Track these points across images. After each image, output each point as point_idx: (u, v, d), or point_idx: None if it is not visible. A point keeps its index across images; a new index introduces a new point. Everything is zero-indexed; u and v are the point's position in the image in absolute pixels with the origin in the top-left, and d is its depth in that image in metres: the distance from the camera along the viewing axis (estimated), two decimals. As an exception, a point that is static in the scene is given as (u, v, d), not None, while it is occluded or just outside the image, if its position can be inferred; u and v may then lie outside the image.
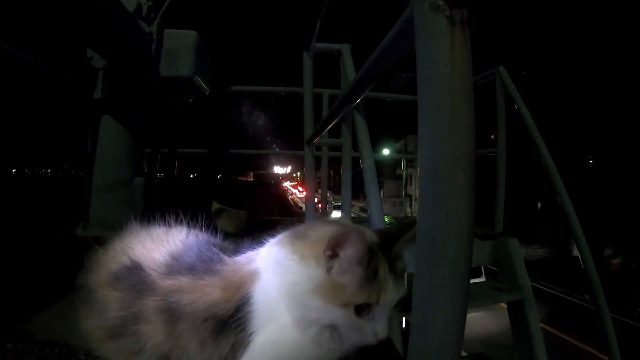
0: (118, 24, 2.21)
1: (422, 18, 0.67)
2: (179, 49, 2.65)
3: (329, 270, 0.89)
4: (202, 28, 2.83)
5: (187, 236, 1.11)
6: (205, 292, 0.95)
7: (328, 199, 4.07)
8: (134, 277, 1.00)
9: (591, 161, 26.26)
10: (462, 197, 0.63)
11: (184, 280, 0.97)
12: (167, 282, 0.97)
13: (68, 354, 1.04)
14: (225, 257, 1.05)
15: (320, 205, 4.11)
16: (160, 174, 3.42)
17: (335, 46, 2.60)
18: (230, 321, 0.93)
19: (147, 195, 2.67)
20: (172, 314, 0.94)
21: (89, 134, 3.25)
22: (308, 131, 2.83)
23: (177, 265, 1.00)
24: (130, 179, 2.63)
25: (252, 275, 0.98)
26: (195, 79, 2.69)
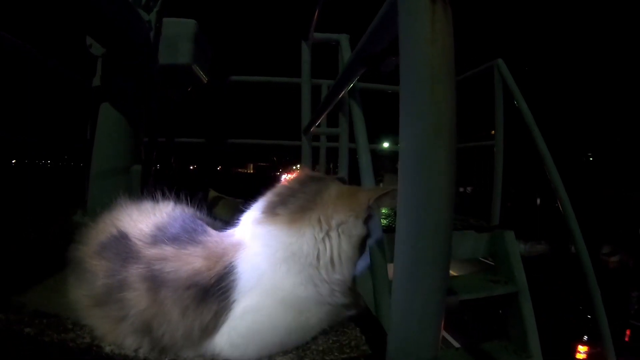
0: (117, 12, 2.21)
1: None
2: (177, 38, 2.66)
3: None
4: (200, 17, 2.83)
5: (173, 209, 1.14)
6: (188, 261, 0.98)
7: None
8: (120, 246, 1.04)
9: (591, 158, 26.28)
10: (443, 170, 0.65)
11: (167, 250, 1.00)
12: (151, 251, 1.00)
13: (57, 323, 1.07)
14: (210, 230, 1.08)
15: None
16: (158, 164, 3.42)
17: (334, 36, 2.61)
18: (213, 290, 0.96)
19: (144, 183, 2.68)
20: (155, 282, 0.97)
21: (88, 122, 3.25)
22: (305, 121, 2.84)
23: (161, 235, 1.03)
24: (128, 167, 2.64)
25: (236, 246, 1.00)
26: (194, 67, 2.70)
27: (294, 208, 1.05)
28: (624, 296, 15.42)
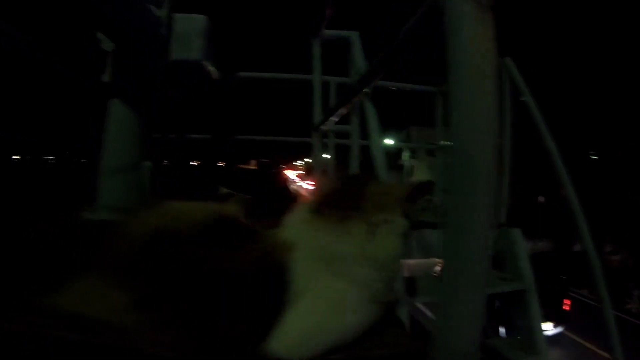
0: (129, 6, 2.21)
1: (453, 4, 0.71)
2: (188, 33, 2.66)
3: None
4: (210, 12, 2.83)
5: (219, 209, 1.14)
6: (239, 263, 0.97)
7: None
8: (168, 247, 1.01)
9: (595, 157, 26.25)
10: (486, 170, 0.68)
11: (218, 251, 0.99)
12: (201, 252, 0.99)
13: (98, 325, 1.01)
14: (256, 230, 1.08)
15: None
16: (165, 160, 3.43)
17: (344, 33, 2.62)
18: (266, 292, 0.95)
19: (154, 179, 2.69)
20: (205, 284, 0.96)
21: (91, 118, 3.25)
22: (317, 118, 2.85)
23: (211, 236, 1.02)
24: (138, 163, 2.65)
25: (287, 248, 1.01)
26: (205, 63, 2.70)
27: (339, 207, 1.05)
28: (624, 294, 15.56)
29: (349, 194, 1.08)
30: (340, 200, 1.08)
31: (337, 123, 3.53)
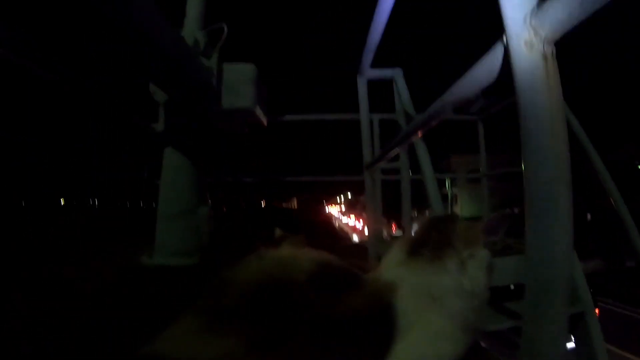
0: (180, 60, 2.32)
1: (519, 55, 0.77)
2: (238, 82, 2.75)
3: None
4: (257, 58, 2.93)
5: (322, 257, 1.17)
6: (350, 305, 1.01)
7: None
8: (279, 294, 1.03)
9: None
10: (563, 201, 0.75)
11: (326, 294, 1.02)
12: (310, 297, 1.02)
13: None
14: (359, 273, 1.13)
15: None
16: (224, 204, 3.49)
17: (388, 71, 2.67)
18: (376, 330, 1.01)
19: (211, 223, 2.76)
20: (319, 327, 0.99)
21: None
22: (367, 156, 2.88)
23: (319, 283, 1.06)
24: (194, 208, 2.73)
25: (390, 287, 1.06)
26: (256, 110, 2.79)
27: (433, 247, 1.11)
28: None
29: (439, 234, 1.15)
30: (432, 240, 1.15)
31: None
